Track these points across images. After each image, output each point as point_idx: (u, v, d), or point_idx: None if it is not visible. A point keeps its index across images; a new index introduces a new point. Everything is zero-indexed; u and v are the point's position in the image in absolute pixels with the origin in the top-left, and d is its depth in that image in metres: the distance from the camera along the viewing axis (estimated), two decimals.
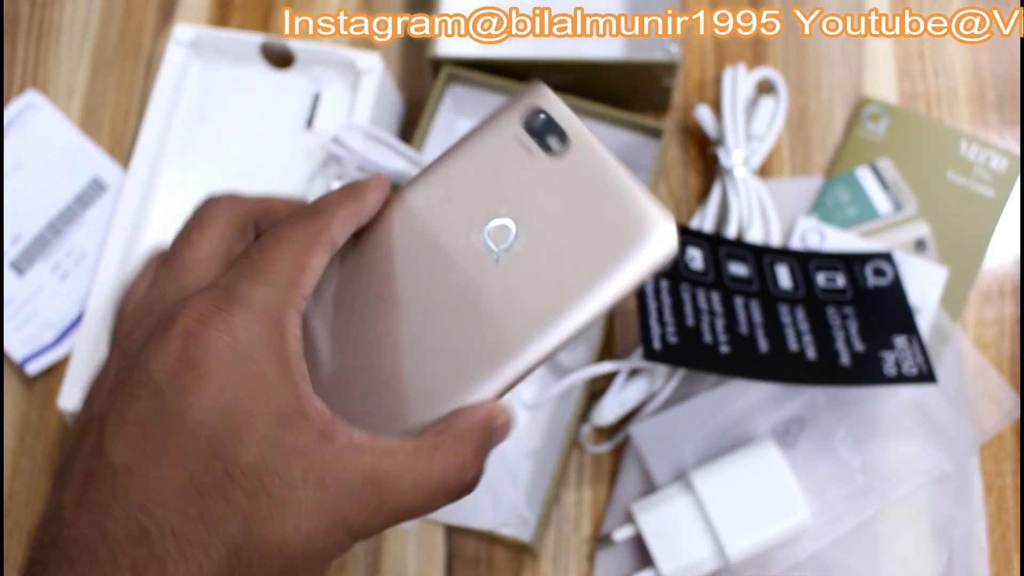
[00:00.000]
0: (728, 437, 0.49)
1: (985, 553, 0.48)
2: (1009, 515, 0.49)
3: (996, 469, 0.49)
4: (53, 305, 0.54)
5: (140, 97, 0.58)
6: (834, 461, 0.48)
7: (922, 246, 0.53)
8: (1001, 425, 0.50)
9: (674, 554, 0.46)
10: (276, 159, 0.53)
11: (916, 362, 0.47)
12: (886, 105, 0.55)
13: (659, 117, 0.56)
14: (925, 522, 0.48)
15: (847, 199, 0.54)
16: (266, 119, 0.54)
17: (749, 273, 0.49)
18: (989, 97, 0.56)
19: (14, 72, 0.59)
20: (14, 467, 0.53)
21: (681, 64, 0.56)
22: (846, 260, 0.51)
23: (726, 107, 0.53)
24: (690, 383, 0.50)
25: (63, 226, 0.55)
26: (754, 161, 0.52)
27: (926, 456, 0.48)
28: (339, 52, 0.53)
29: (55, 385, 0.53)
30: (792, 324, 0.48)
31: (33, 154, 0.56)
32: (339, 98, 0.54)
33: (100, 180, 0.56)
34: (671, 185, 0.55)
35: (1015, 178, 0.53)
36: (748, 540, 0.46)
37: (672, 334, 0.45)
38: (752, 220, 0.51)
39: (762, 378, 0.46)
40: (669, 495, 0.47)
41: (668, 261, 0.31)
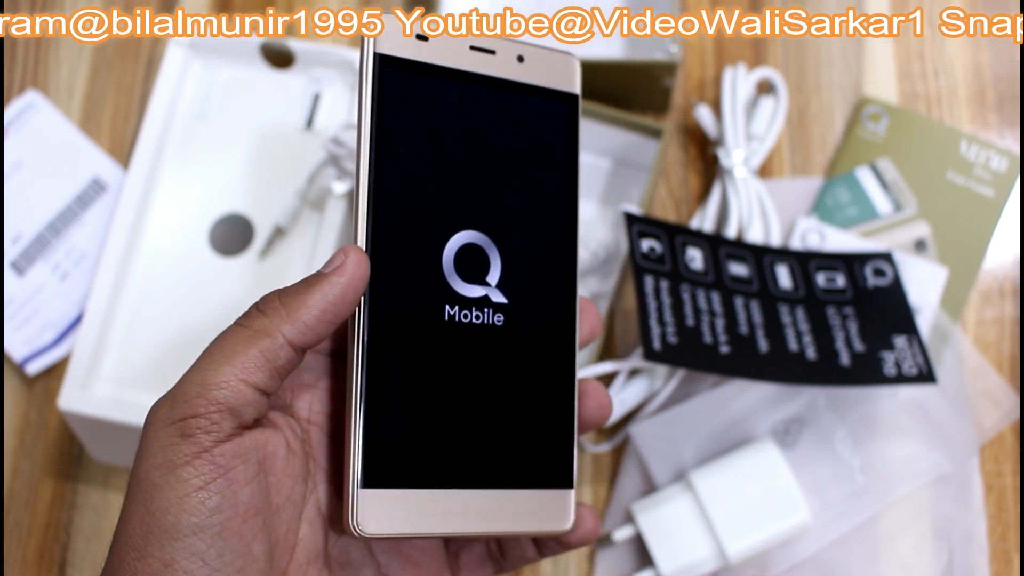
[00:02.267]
0: (728, 437, 0.49)
1: (985, 553, 0.48)
2: (1009, 515, 0.49)
3: (996, 469, 0.49)
4: (53, 305, 0.54)
5: (140, 97, 0.58)
6: (834, 461, 0.48)
7: (922, 246, 0.53)
8: (1001, 425, 0.50)
9: (674, 554, 0.46)
10: (276, 159, 0.53)
11: (916, 362, 0.47)
12: (886, 105, 0.55)
13: (659, 117, 0.56)
14: (925, 522, 0.48)
15: (847, 199, 0.54)
16: (266, 119, 0.54)
17: (749, 273, 0.49)
18: (989, 97, 0.56)
19: (14, 72, 0.59)
20: (14, 467, 0.53)
21: (681, 64, 0.56)
22: (846, 260, 0.51)
23: (726, 107, 0.53)
24: (690, 383, 0.50)
25: (63, 226, 0.55)
26: (754, 161, 0.52)
27: (926, 456, 0.48)
28: (339, 52, 0.53)
29: (55, 385, 0.53)
30: (792, 324, 0.48)
31: (33, 154, 0.56)
32: (339, 98, 0.54)
33: (100, 180, 0.56)
34: (671, 185, 0.55)
35: (1015, 178, 0.53)
36: (748, 540, 0.46)
37: (672, 334, 0.45)
38: (752, 220, 0.51)
39: (762, 378, 0.46)
40: (669, 495, 0.47)
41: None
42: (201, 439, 0.28)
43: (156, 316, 0.51)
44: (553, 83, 0.34)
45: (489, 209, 0.32)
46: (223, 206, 0.53)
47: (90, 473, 0.52)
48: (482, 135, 0.33)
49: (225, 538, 0.27)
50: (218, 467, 0.28)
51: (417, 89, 0.32)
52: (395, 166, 0.31)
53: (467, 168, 0.32)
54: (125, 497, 0.28)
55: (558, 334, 0.33)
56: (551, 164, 0.34)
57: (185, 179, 0.53)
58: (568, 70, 0.34)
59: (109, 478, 0.52)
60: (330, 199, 0.51)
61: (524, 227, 0.33)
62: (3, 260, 0.54)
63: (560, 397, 0.33)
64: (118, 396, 0.49)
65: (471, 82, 0.33)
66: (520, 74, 0.33)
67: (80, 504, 0.52)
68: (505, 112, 0.33)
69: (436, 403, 0.31)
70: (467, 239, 0.32)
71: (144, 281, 0.51)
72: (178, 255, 0.52)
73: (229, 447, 0.28)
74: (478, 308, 0.32)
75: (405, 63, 0.32)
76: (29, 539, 0.52)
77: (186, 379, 0.29)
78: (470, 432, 0.31)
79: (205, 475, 0.27)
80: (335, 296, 0.29)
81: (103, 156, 0.57)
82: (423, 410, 0.31)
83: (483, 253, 0.32)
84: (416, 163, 0.32)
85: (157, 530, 0.27)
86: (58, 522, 0.52)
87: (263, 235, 0.52)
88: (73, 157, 0.56)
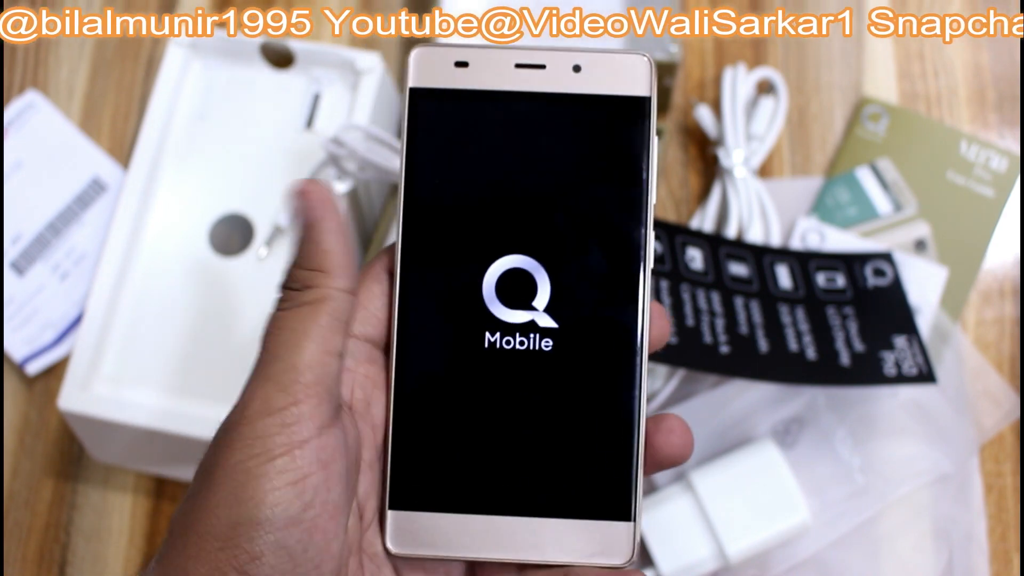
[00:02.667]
0: (728, 437, 0.49)
1: (985, 553, 0.48)
2: (1009, 515, 0.49)
3: (996, 469, 0.49)
4: (53, 305, 0.54)
5: (140, 97, 0.58)
6: (834, 461, 0.48)
7: (922, 246, 0.53)
8: (1001, 425, 0.50)
9: (674, 554, 0.46)
10: (276, 159, 0.53)
11: (916, 362, 0.47)
12: (886, 105, 0.55)
13: (659, 117, 0.56)
14: (925, 522, 0.48)
15: (847, 199, 0.54)
16: (266, 119, 0.54)
17: (749, 273, 0.49)
18: (989, 97, 0.56)
19: (14, 72, 0.59)
20: (14, 467, 0.53)
21: (681, 64, 0.56)
22: (846, 260, 0.51)
23: (726, 107, 0.53)
24: (690, 383, 0.50)
25: (63, 226, 0.55)
26: (754, 161, 0.52)
27: (926, 456, 0.48)
28: (339, 52, 0.53)
29: (55, 385, 0.53)
30: (792, 324, 0.48)
31: (33, 154, 0.56)
32: (339, 98, 0.54)
33: (100, 180, 0.56)
34: (671, 185, 0.55)
35: (1015, 178, 0.53)
36: (748, 540, 0.46)
37: (672, 334, 0.45)
38: (752, 220, 0.51)
39: (762, 378, 0.46)
40: (669, 495, 0.47)
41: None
42: (303, 428, 0.27)
43: (156, 316, 0.51)
44: (618, 89, 0.32)
45: (539, 231, 0.31)
46: (223, 206, 0.53)
47: (90, 473, 0.52)
48: (536, 154, 0.31)
49: (313, 535, 0.27)
50: (318, 461, 0.27)
51: (457, 116, 0.31)
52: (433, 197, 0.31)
53: (517, 191, 0.31)
54: (201, 486, 0.27)
55: (618, 355, 0.31)
56: (618, 176, 0.32)
57: (185, 179, 0.53)
58: (635, 72, 0.32)
59: (109, 478, 0.52)
60: None
61: (581, 247, 0.32)
62: (3, 260, 0.54)
63: (619, 423, 0.31)
64: (118, 396, 0.49)
65: (521, 100, 0.31)
66: (578, 85, 0.32)
67: (80, 504, 0.52)
68: (561, 127, 0.32)
69: (474, 430, 0.31)
70: (512, 264, 0.31)
71: (144, 281, 0.51)
72: (178, 255, 0.52)
73: (330, 439, 0.27)
74: (523, 334, 0.31)
75: (444, 93, 0.31)
76: (29, 539, 0.52)
77: (271, 367, 0.28)
78: (509, 458, 0.31)
79: (304, 468, 0.27)
80: (333, 225, 0.29)
81: (103, 156, 0.57)
82: (458, 435, 0.31)
83: (529, 277, 0.31)
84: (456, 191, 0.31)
85: (248, 521, 0.26)
86: (58, 522, 0.52)
87: (263, 235, 0.52)
88: (73, 157, 0.56)
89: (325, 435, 0.27)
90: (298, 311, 0.29)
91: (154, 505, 0.52)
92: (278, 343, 0.28)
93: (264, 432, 0.27)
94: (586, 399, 0.31)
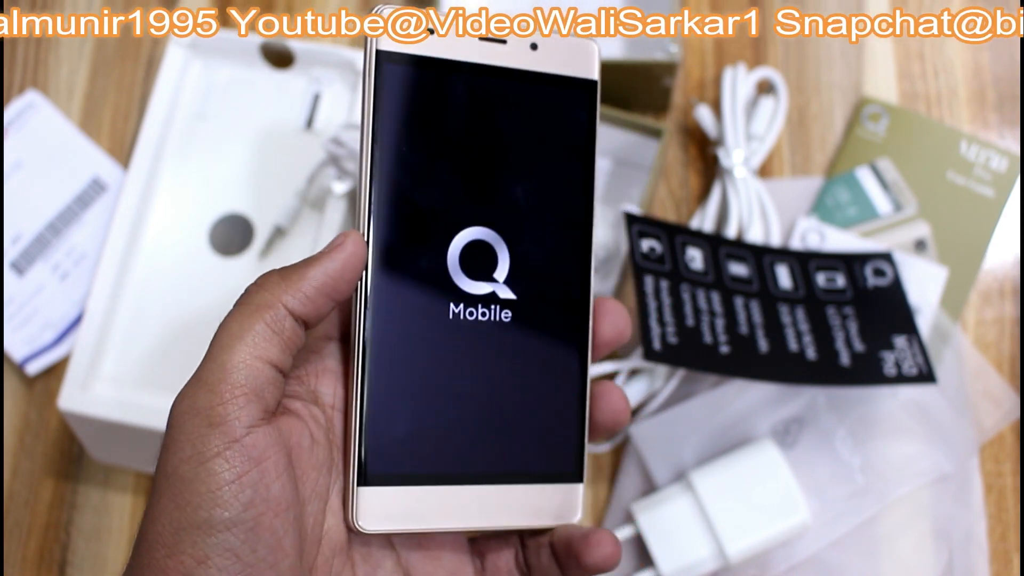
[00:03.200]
0: (728, 437, 0.49)
1: (985, 553, 0.48)
2: (1009, 515, 0.49)
3: (996, 469, 0.49)
4: (53, 305, 0.54)
5: (140, 97, 0.58)
6: (834, 461, 0.48)
7: (922, 246, 0.53)
8: (1001, 425, 0.50)
9: (674, 554, 0.46)
10: (276, 159, 0.53)
11: (916, 362, 0.47)
12: (886, 105, 0.55)
13: (659, 117, 0.56)
14: (925, 522, 0.48)
15: (847, 199, 0.54)
16: (266, 119, 0.54)
17: (749, 273, 0.49)
18: (989, 97, 0.56)
19: (14, 72, 0.59)
20: (14, 467, 0.53)
21: (681, 64, 0.56)
22: (846, 260, 0.51)
23: (726, 107, 0.53)
24: (690, 383, 0.50)
25: (63, 226, 0.55)
26: (754, 161, 0.52)
27: (926, 456, 0.48)
28: (339, 52, 0.53)
29: (55, 385, 0.53)
30: (792, 324, 0.48)
31: (33, 154, 0.56)
32: (339, 98, 0.54)
33: (100, 180, 0.56)
34: (671, 185, 0.55)
35: (1015, 178, 0.53)
36: (748, 540, 0.46)
37: (672, 334, 0.45)
38: (752, 220, 0.51)
39: (762, 378, 0.46)
40: (669, 495, 0.47)
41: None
42: (230, 428, 0.27)
43: (156, 316, 0.51)
44: (569, 70, 0.33)
45: (498, 204, 0.32)
46: (223, 206, 0.53)
47: (90, 473, 0.52)
48: (493, 128, 0.32)
49: (258, 533, 0.27)
50: (250, 459, 0.27)
51: (421, 83, 0.31)
52: (398, 164, 0.31)
53: (475, 163, 0.32)
54: (151, 493, 0.28)
55: (570, 328, 0.33)
56: (566, 155, 0.33)
57: (185, 179, 0.53)
58: (585, 55, 0.33)
59: (109, 478, 0.52)
60: (330, 199, 0.51)
61: (536, 221, 0.32)
62: (3, 260, 0.54)
63: (570, 391, 0.33)
64: (118, 396, 0.49)
65: (481, 74, 0.32)
66: (533, 63, 0.33)
67: (80, 504, 0.52)
68: (518, 103, 0.32)
69: (438, 400, 0.31)
70: (474, 235, 0.32)
71: (144, 281, 0.51)
72: (178, 255, 0.52)
73: (260, 436, 0.28)
74: (484, 305, 0.32)
75: (408, 58, 0.31)
76: (29, 539, 0.52)
77: (203, 368, 0.28)
78: (473, 428, 0.31)
79: (237, 467, 0.27)
80: (334, 271, 0.29)
81: (103, 156, 0.57)
82: (424, 407, 0.31)
83: (491, 249, 0.32)
84: (420, 160, 0.31)
85: (189, 526, 0.26)
86: (58, 522, 0.52)
87: (263, 235, 0.52)
88: (73, 157, 0.56)
89: (255, 433, 0.28)
90: (241, 309, 0.29)
91: None
92: (217, 339, 0.29)
93: (193, 433, 0.27)
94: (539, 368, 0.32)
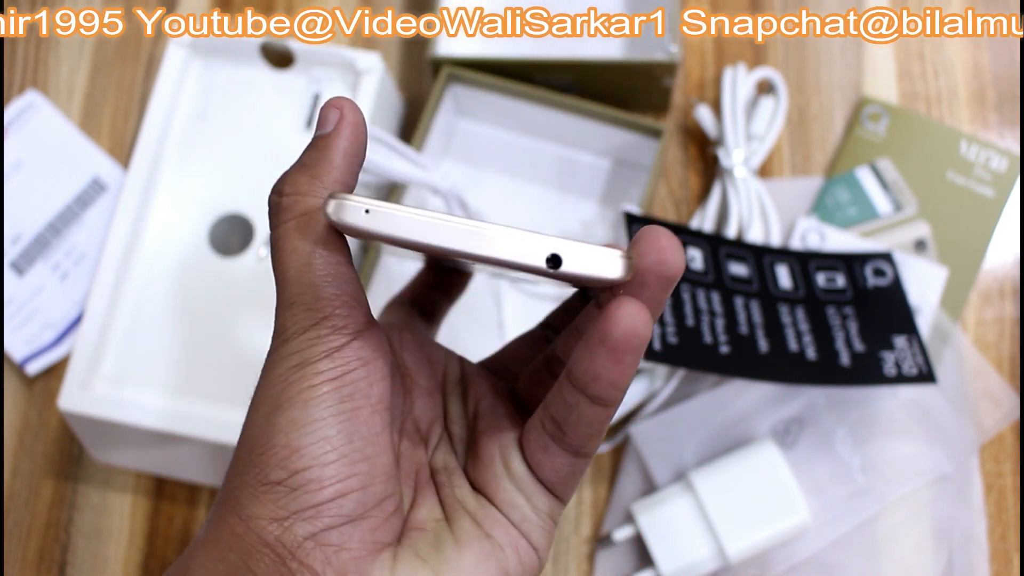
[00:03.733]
0: (728, 437, 0.49)
1: (985, 553, 0.48)
2: (1009, 515, 0.49)
3: (996, 469, 0.49)
4: (53, 305, 0.54)
5: (140, 97, 0.58)
6: (834, 461, 0.48)
7: (922, 246, 0.53)
8: (1001, 425, 0.50)
9: (674, 554, 0.46)
10: (276, 159, 0.53)
11: (916, 362, 0.47)
12: (886, 105, 0.55)
13: (659, 117, 0.56)
14: (925, 522, 0.48)
15: (847, 199, 0.54)
16: (266, 119, 0.54)
17: (749, 273, 0.49)
18: (989, 97, 0.56)
19: (14, 72, 0.59)
20: (14, 467, 0.53)
21: (681, 64, 0.56)
22: (846, 260, 0.51)
23: (726, 107, 0.53)
24: (690, 383, 0.50)
25: (63, 226, 0.55)
26: (754, 161, 0.52)
27: (926, 456, 0.48)
28: (339, 52, 0.53)
29: (55, 385, 0.53)
30: (792, 324, 0.48)
31: (33, 154, 0.56)
32: None
33: (100, 180, 0.56)
34: (671, 185, 0.55)
35: (1015, 178, 0.53)
36: (748, 540, 0.46)
37: (672, 334, 0.45)
38: (752, 220, 0.51)
39: (762, 378, 0.46)
40: (669, 495, 0.47)
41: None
42: (338, 336, 0.26)
43: (156, 316, 0.51)
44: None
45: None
46: (223, 206, 0.53)
47: (90, 473, 0.52)
48: None
49: (355, 424, 0.26)
50: (359, 358, 0.26)
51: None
52: None
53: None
54: (248, 412, 0.27)
55: None
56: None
57: (185, 179, 0.53)
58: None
59: (109, 478, 0.52)
60: None
61: None
62: (3, 260, 0.54)
63: None
64: (118, 396, 0.49)
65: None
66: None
67: (80, 504, 0.52)
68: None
69: None
70: None
71: (144, 281, 0.51)
72: (178, 255, 0.52)
73: (369, 340, 0.27)
74: None
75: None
76: (29, 539, 0.52)
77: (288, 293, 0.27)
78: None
79: (343, 366, 0.26)
80: (350, 144, 0.28)
81: (103, 156, 0.57)
82: None
83: None
84: None
85: (284, 422, 0.25)
86: (58, 522, 0.52)
87: (263, 235, 0.52)
88: (73, 157, 0.56)
89: (362, 337, 0.27)
90: (287, 229, 0.27)
91: (154, 505, 0.52)
92: (286, 266, 0.27)
93: (299, 347, 0.26)
94: None
